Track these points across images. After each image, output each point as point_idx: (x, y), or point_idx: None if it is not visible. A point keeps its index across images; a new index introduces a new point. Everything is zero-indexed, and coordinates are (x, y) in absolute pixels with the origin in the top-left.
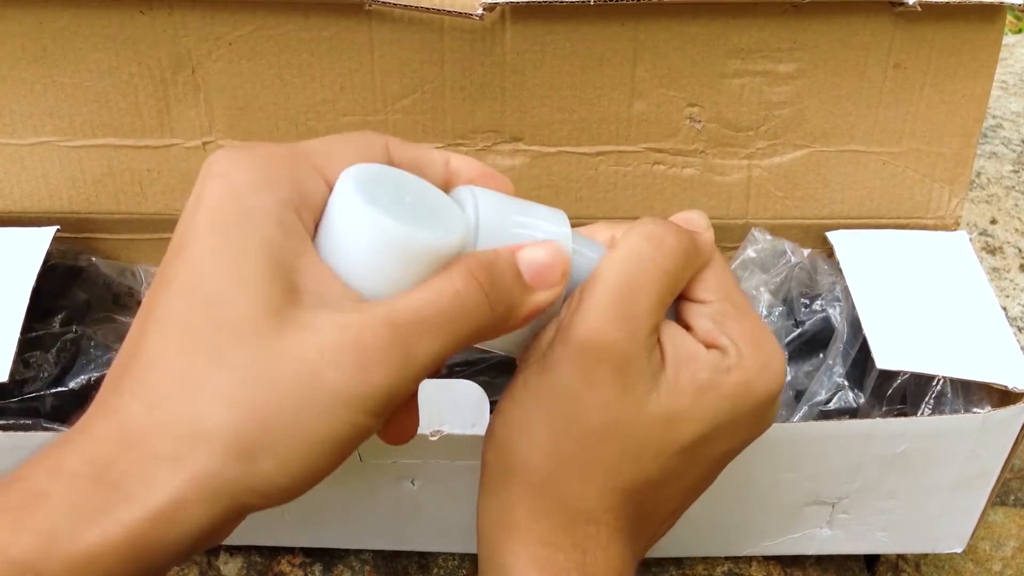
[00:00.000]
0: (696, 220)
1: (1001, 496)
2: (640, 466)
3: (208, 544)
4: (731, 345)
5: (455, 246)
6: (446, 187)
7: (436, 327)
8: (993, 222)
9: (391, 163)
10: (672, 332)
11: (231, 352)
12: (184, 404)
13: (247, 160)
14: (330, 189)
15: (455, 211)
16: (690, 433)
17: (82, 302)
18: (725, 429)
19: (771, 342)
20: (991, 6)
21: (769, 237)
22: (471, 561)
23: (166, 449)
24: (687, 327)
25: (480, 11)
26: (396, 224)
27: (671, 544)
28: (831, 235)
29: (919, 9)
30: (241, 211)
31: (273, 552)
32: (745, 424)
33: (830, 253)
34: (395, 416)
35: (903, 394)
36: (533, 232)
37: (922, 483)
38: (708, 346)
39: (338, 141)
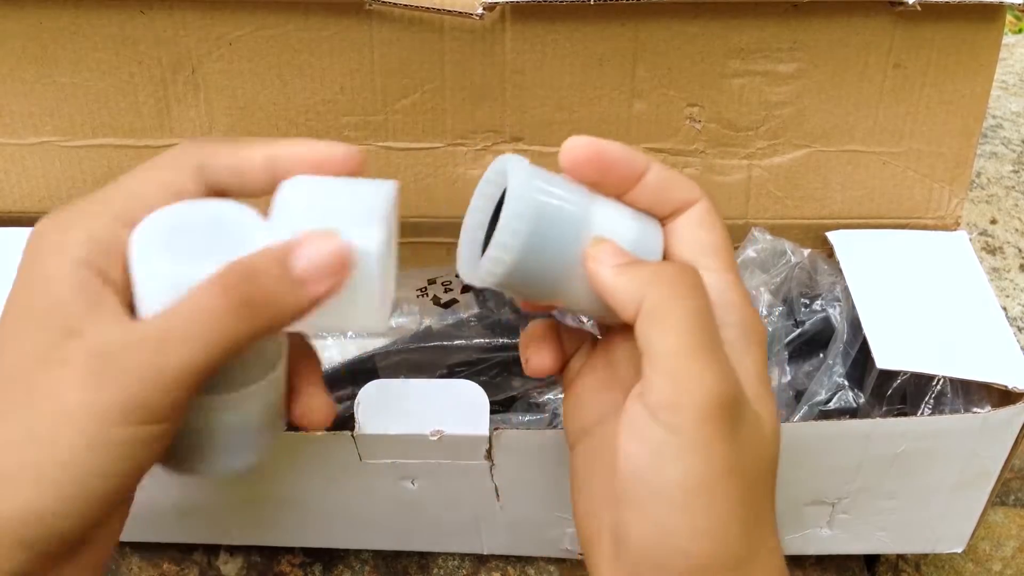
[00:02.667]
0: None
1: (1001, 496)
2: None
3: (86, 560)
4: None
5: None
6: (273, 183)
7: (184, 339)
8: (993, 222)
9: (206, 181)
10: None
11: (4, 394)
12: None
13: (50, 230)
14: (130, 230)
15: (252, 233)
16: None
17: None
18: None
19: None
20: (991, 6)
21: (769, 237)
22: (471, 561)
23: None
24: None
25: (480, 11)
26: (173, 265)
27: None
28: (831, 235)
29: (919, 9)
30: (34, 278)
31: (273, 552)
32: None
33: (830, 253)
34: (297, 398)
35: (903, 394)
36: (335, 223)
37: (922, 483)
38: None
39: (143, 178)
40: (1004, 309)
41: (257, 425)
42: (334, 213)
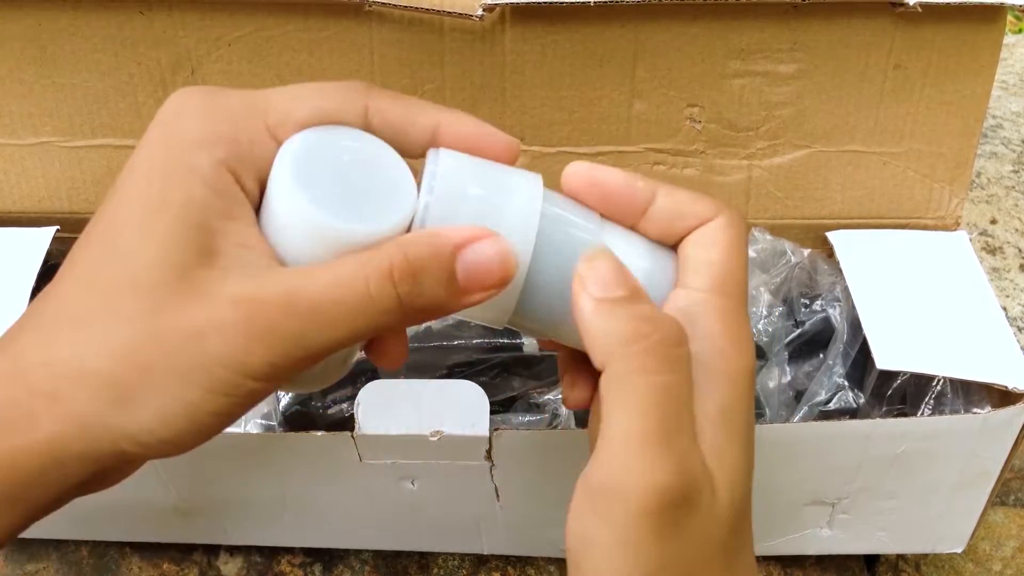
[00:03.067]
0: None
1: (1001, 496)
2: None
3: (95, 488)
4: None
5: (388, 237)
6: (427, 148)
7: (333, 322)
8: (993, 222)
9: (367, 125)
10: None
11: (127, 304)
12: (72, 345)
13: (197, 111)
14: (276, 145)
15: (405, 191)
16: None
17: None
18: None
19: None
20: (992, 7)
21: (769, 237)
22: (471, 561)
23: (47, 386)
24: None
25: (480, 12)
26: (320, 215)
27: None
28: (831, 235)
29: (919, 10)
30: (172, 167)
31: (273, 552)
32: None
33: (830, 253)
34: (380, 341)
35: (903, 394)
36: (491, 217)
37: (922, 483)
38: None
39: (308, 94)
40: (1004, 309)
41: (344, 353)
42: (495, 210)
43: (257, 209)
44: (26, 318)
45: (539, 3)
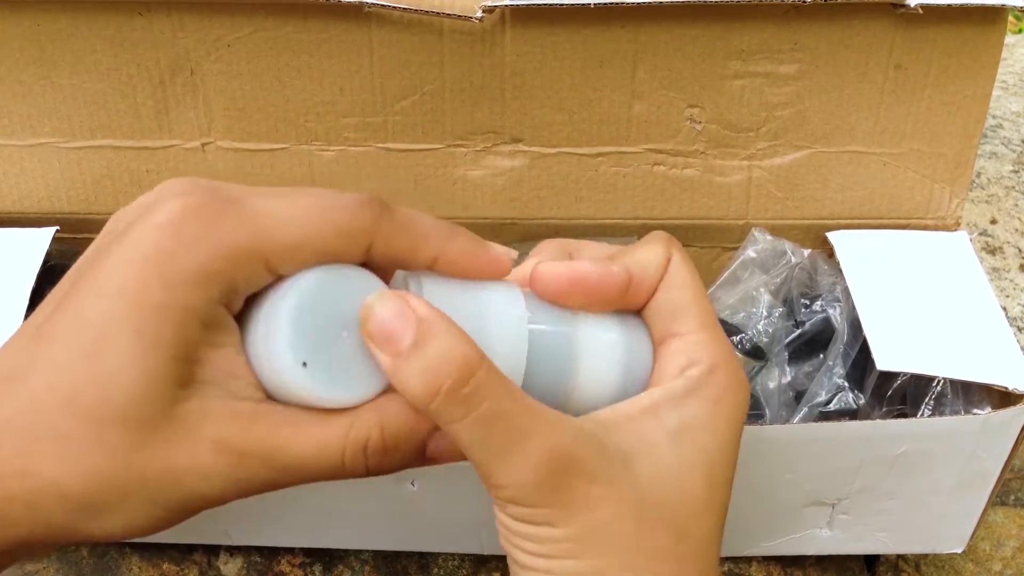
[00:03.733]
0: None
1: (1001, 496)
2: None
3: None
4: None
5: (373, 396)
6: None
7: (305, 478)
8: (993, 222)
9: (369, 257)
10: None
11: (112, 435)
12: (53, 464)
13: (196, 243)
14: (272, 277)
15: None
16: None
17: None
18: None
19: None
20: (993, 8)
21: (769, 237)
22: (471, 561)
23: (25, 496)
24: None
25: (480, 13)
26: (311, 385)
27: None
28: (831, 235)
29: (920, 12)
30: (168, 304)
31: (273, 552)
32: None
33: (830, 253)
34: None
35: (903, 395)
36: (480, 343)
37: (922, 484)
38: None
39: (313, 231)
40: (1004, 309)
41: None
42: (482, 336)
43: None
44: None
45: (539, 5)
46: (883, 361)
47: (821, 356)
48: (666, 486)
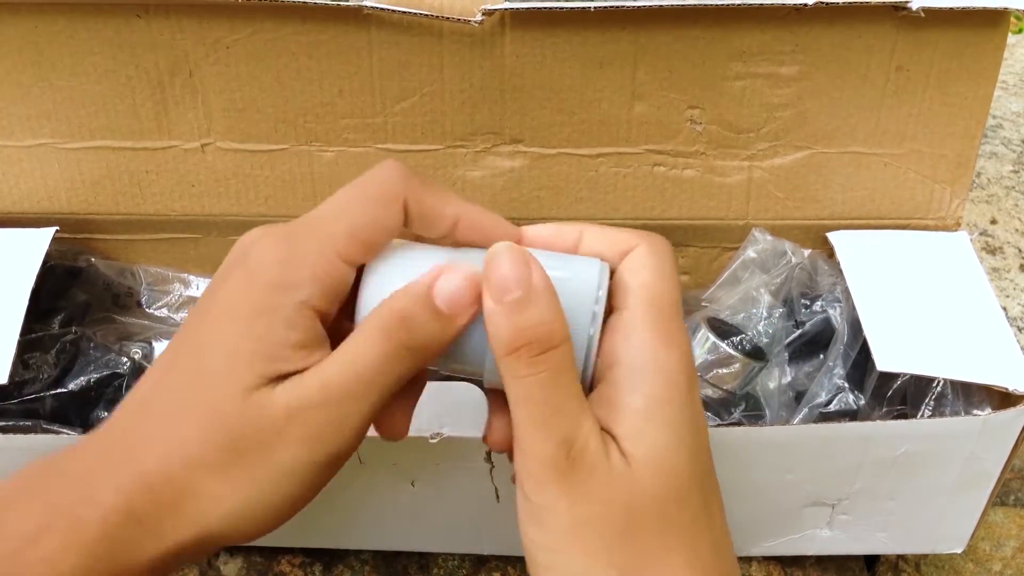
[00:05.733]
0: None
1: (1001, 496)
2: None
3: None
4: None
5: None
6: (452, 234)
7: (364, 393)
8: (993, 222)
9: (407, 213)
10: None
11: (213, 428)
12: (178, 459)
13: (277, 258)
14: (352, 268)
15: None
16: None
17: (81, 303)
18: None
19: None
20: (994, 11)
21: (770, 238)
22: (471, 561)
23: (172, 498)
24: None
25: (479, 16)
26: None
27: None
28: (832, 236)
29: (922, 14)
30: (257, 309)
31: (273, 552)
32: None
33: (830, 254)
34: (389, 414)
35: (903, 396)
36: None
37: (922, 484)
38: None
39: (358, 211)
40: (1004, 309)
41: None
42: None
43: (330, 324)
44: (132, 435)
45: (539, 9)
46: (883, 362)
47: (821, 356)
48: (651, 474)
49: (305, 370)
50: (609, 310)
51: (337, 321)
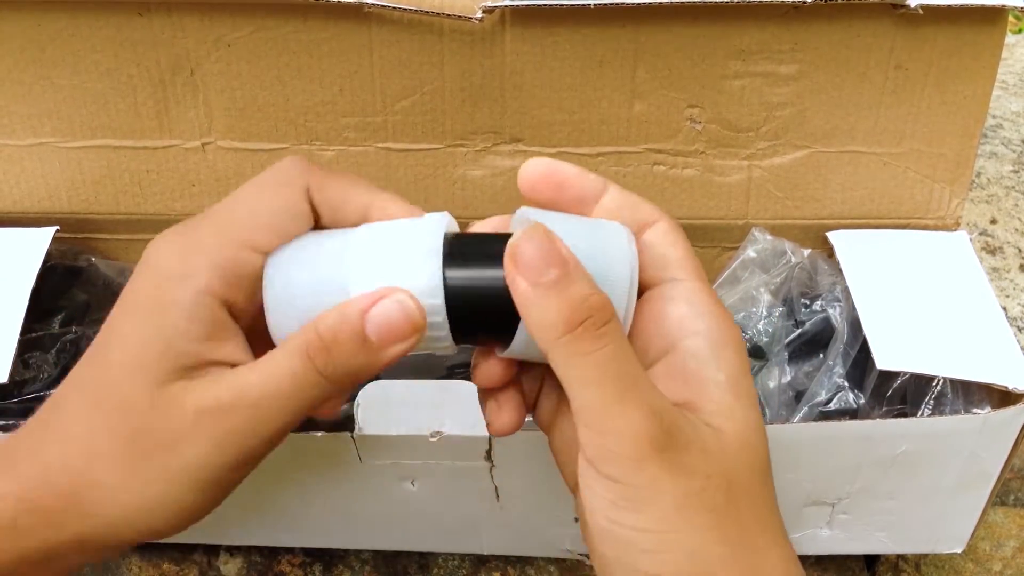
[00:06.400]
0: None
1: (1001, 496)
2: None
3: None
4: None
5: None
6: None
7: (272, 410)
8: (993, 222)
9: (312, 202)
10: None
11: (121, 422)
12: (85, 457)
13: (174, 250)
14: (258, 254)
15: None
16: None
17: (82, 302)
18: None
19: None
20: (993, 8)
21: (769, 237)
22: (471, 561)
23: (67, 489)
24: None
25: (480, 14)
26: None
27: None
28: (831, 235)
29: (920, 12)
30: (156, 304)
31: (273, 552)
32: None
33: (830, 253)
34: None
35: (903, 395)
36: (400, 268)
37: (922, 484)
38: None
39: (258, 198)
40: (1004, 309)
41: None
42: (396, 263)
43: (249, 328)
44: (40, 430)
45: (539, 5)
46: (883, 361)
47: (821, 356)
48: (743, 449)
49: (216, 363)
50: (648, 280)
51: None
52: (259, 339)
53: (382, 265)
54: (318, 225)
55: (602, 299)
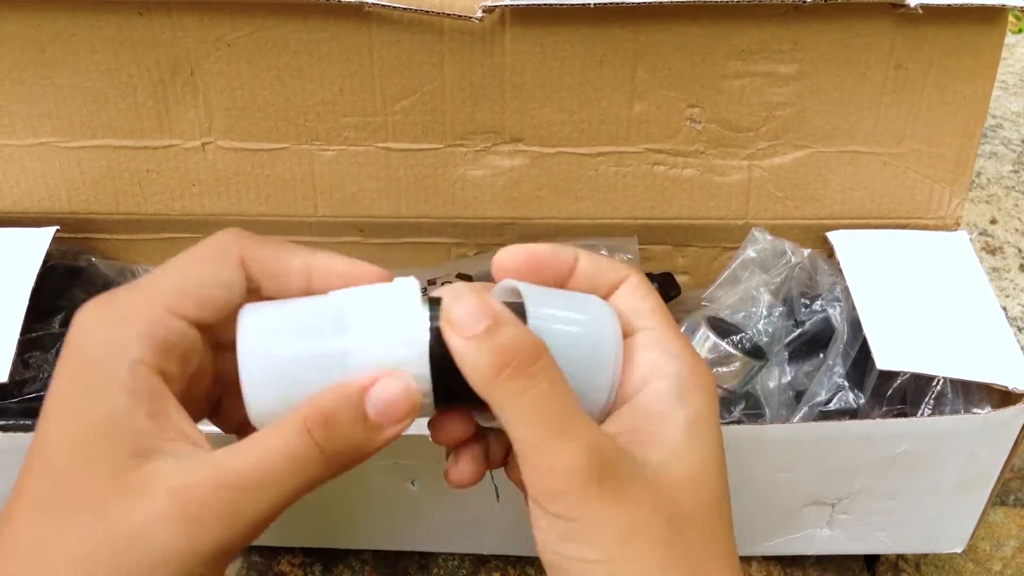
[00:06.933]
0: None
1: (1001, 496)
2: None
3: None
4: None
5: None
6: (308, 288)
7: (263, 486)
8: (993, 222)
9: (247, 272)
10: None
11: (75, 520)
12: (38, 570)
13: (99, 324)
14: (190, 325)
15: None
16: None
17: (82, 302)
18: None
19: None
20: (992, 8)
21: (769, 237)
22: (471, 561)
23: None
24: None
25: (480, 13)
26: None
27: None
28: (831, 235)
29: (920, 11)
30: (89, 384)
31: (273, 552)
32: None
33: (830, 253)
34: None
35: (903, 394)
36: (392, 354)
37: (922, 484)
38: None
39: (189, 267)
40: (1004, 309)
41: None
42: (393, 341)
43: (182, 395)
44: None
45: (539, 5)
46: (883, 360)
47: (821, 356)
48: (691, 486)
49: (169, 441)
50: (622, 332)
51: (212, 390)
52: (190, 408)
53: (371, 337)
54: (258, 295)
55: (530, 340)
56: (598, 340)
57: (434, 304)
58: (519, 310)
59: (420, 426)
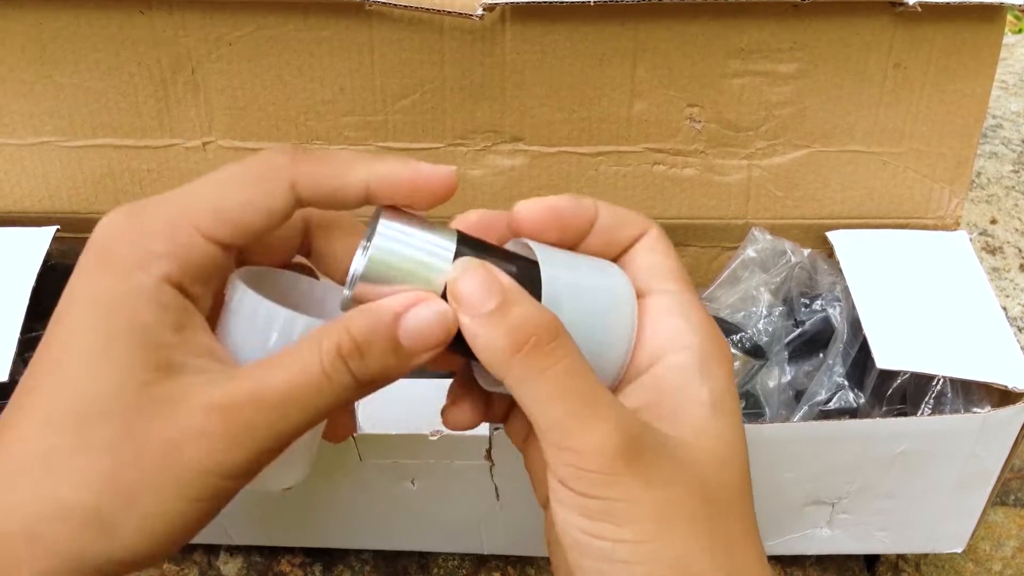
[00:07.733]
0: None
1: (1001, 496)
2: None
3: None
4: None
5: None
6: (368, 201)
7: (300, 406)
8: (993, 222)
9: (295, 198)
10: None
11: (99, 433)
12: (46, 485)
13: (127, 234)
14: (216, 246)
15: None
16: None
17: None
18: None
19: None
20: (991, 6)
21: (769, 237)
22: (471, 561)
23: (22, 528)
24: None
25: (480, 11)
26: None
27: None
28: (831, 235)
29: (919, 10)
30: (115, 293)
31: (273, 552)
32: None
33: (830, 253)
34: (331, 420)
35: (903, 394)
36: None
37: (922, 483)
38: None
39: (233, 187)
40: (1004, 309)
41: (309, 442)
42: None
43: (208, 315)
44: None
45: (539, 3)
46: (883, 360)
47: (821, 355)
48: (718, 463)
49: (194, 356)
50: (640, 290)
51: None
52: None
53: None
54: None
55: (546, 317)
56: (615, 313)
57: (475, 246)
58: (532, 271)
59: (420, 426)
